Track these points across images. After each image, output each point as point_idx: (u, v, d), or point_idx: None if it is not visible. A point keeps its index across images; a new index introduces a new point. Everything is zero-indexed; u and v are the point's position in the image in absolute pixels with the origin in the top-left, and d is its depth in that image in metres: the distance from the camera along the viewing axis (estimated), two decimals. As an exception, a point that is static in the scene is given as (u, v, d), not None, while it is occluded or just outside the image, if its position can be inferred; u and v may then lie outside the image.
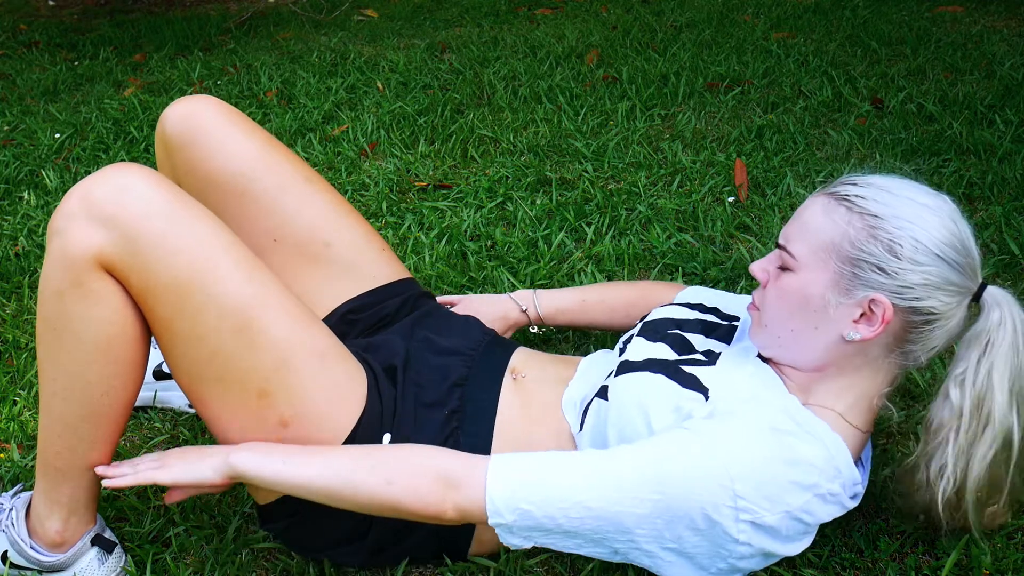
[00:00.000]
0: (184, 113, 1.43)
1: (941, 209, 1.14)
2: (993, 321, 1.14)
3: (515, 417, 1.32)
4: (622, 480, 1.11)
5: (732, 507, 1.11)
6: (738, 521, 1.12)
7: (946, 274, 1.13)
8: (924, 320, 1.14)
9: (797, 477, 1.12)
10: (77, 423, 1.21)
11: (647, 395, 1.22)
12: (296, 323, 1.20)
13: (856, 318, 1.15)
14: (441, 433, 1.28)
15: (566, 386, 1.36)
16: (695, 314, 1.39)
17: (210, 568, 1.34)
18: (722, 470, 1.10)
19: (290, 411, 1.20)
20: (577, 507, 1.11)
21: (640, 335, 1.35)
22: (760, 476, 1.11)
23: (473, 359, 1.38)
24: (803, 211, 1.19)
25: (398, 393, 1.30)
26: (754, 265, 1.24)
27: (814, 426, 1.17)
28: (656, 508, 1.11)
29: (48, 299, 1.16)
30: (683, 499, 1.11)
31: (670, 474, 1.11)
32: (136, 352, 1.20)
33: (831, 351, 1.19)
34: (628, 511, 1.11)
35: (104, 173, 1.15)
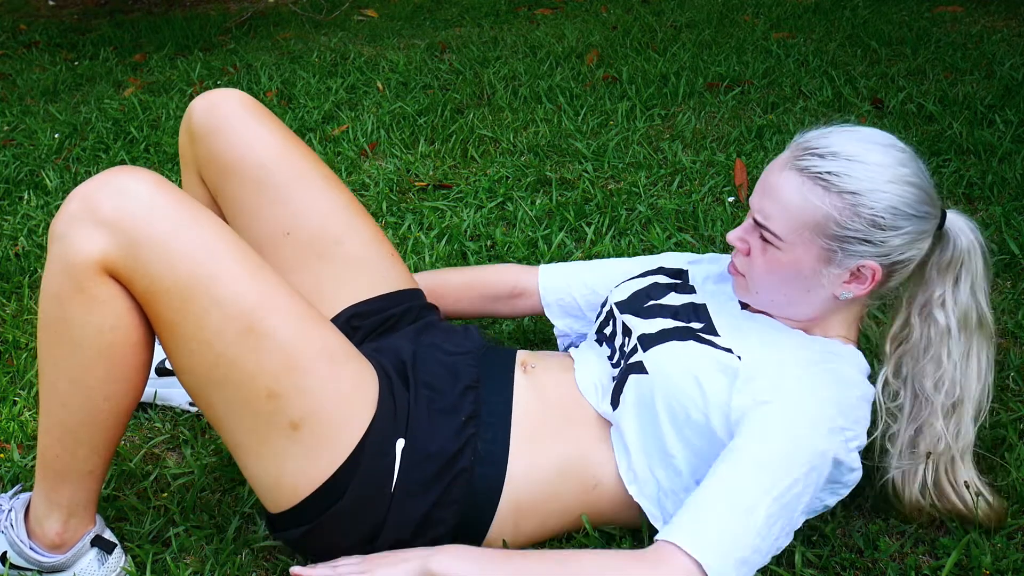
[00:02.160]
0: (210, 104, 1.47)
1: (906, 164, 1.23)
2: (962, 247, 1.28)
3: (533, 411, 1.32)
4: (773, 476, 1.15)
5: (843, 440, 1.21)
6: (849, 451, 1.22)
7: (920, 227, 1.24)
8: (903, 265, 1.27)
9: (856, 392, 1.25)
10: (77, 427, 1.21)
11: (691, 361, 1.25)
12: (303, 324, 1.20)
13: (846, 279, 1.26)
14: (457, 439, 1.27)
15: (573, 372, 1.38)
16: (651, 279, 1.46)
17: (210, 568, 1.34)
18: (824, 416, 1.19)
19: (300, 413, 1.19)
20: (764, 523, 1.14)
21: (625, 314, 1.38)
22: (843, 405, 1.22)
23: (479, 358, 1.38)
24: (776, 188, 1.25)
25: (411, 396, 1.30)
26: (731, 234, 1.31)
27: (832, 346, 1.29)
28: (807, 477, 1.17)
29: (49, 304, 1.15)
30: (817, 457, 1.18)
31: (796, 445, 1.17)
32: (138, 357, 1.19)
33: (824, 305, 1.30)
34: (793, 496, 1.16)
35: (106, 176, 1.14)
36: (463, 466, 1.25)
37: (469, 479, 1.25)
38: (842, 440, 1.20)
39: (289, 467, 1.21)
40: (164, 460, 1.58)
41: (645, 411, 1.27)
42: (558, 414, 1.33)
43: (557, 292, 1.61)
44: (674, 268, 1.50)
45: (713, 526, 1.13)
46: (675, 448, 1.25)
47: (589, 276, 1.61)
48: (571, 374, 1.38)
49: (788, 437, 1.17)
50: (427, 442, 1.26)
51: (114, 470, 1.54)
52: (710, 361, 1.24)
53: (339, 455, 1.21)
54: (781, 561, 1.28)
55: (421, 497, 1.24)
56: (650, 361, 1.27)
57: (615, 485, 1.29)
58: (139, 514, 1.46)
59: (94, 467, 1.25)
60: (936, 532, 1.35)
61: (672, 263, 1.53)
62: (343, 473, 1.21)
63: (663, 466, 1.27)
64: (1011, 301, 1.86)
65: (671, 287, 1.44)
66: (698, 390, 1.23)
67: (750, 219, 1.29)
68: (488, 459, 1.27)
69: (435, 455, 1.25)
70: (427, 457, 1.25)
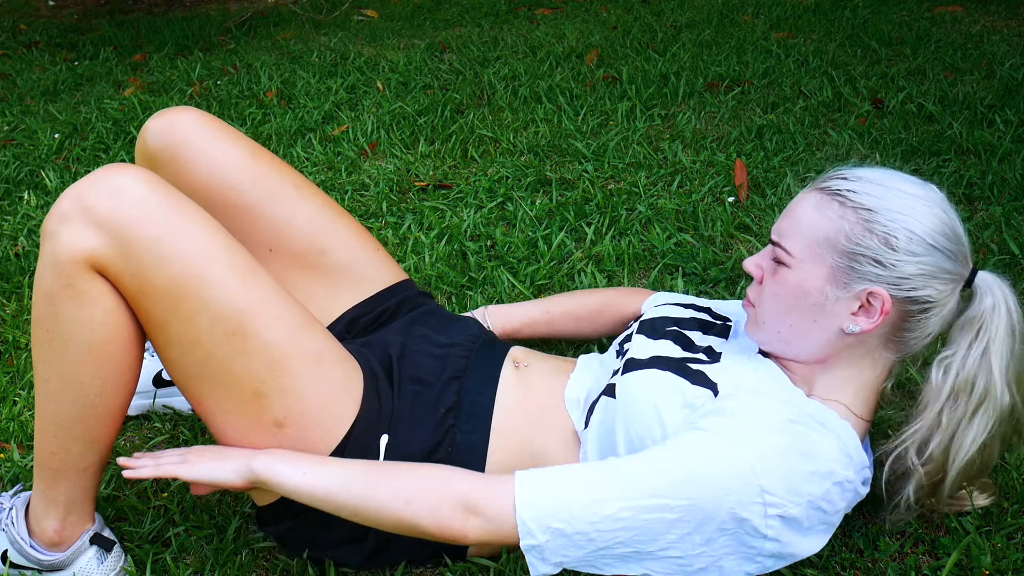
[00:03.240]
0: (165, 126, 1.41)
1: (931, 199, 1.16)
2: (987, 306, 1.17)
3: (515, 413, 1.32)
4: (650, 487, 1.11)
5: (760, 503, 1.11)
6: (766, 516, 1.12)
7: (940, 263, 1.15)
8: (921, 309, 1.16)
9: (816, 467, 1.14)
10: (71, 424, 1.21)
11: (657, 392, 1.22)
12: (292, 325, 1.20)
13: (855, 311, 1.17)
14: (437, 432, 1.28)
15: (567, 378, 1.37)
16: (691, 312, 1.39)
17: (210, 568, 1.34)
18: (747, 467, 1.11)
19: (285, 412, 1.20)
20: (608, 520, 1.10)
21: (640, 333, 1.35)
22: (783, 469, 1.12)
23: (471, 350, 1.38)
24: (795, 207, 1.20)
25: (395, 393, 1.30)
26: (748, 261, 1.25)
27: (823, 415, 1.18)
28: (686, 512, 1.11)
29: (40, 301, 1.16)
30: (712, 500, 1.11)
31: (697, 476, 1.11)
32: (129, 354, 1.20)
33: (831, 343, 1.20)
34: (658, 517, 1.11)
35: (98, 175, 1.14)
36: (440, 458, 1.27)
37: None
38: (758, 502, 1.11)
39: None
40: (164, 460, 1.58)
41: (606, 435, 1.26)
42: (536, 417, 1.32)
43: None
44: (721, 314, 1.41)
45: (558, 490, 1.12)
46: None
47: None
48: (563, 379, 1.37)
49: (693, 465, 1.11)
50: (410, 437, 1.27)
51: (114, 470, 1.54)
52: (677, 395, 1.20)
53: (322, 452, 1.23)
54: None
55: None
56: (620, 386, 1.25)
57: None
58: (139, 514, 1.46)
59: (89, 464, 1.25)
60: (936, 532, 1.35)
61: (723, 310, 1.44)
62: None
63: None
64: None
65: (705, 326, 1.36)
66: (657, 421, 1.20)
67: (769, 245, 1.24)
68: (466, 451, 1.28)
69: (417, 449, 1.26)
70: (409, 452, 1.26)
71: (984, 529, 1.33)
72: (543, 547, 1.11)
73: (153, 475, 1.21)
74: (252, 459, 1.19)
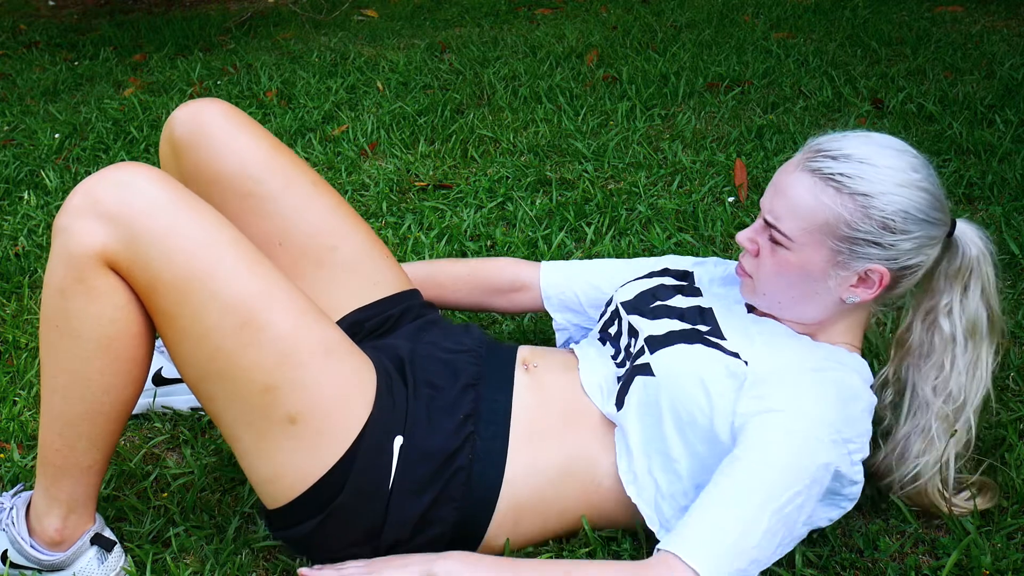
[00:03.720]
0: (191, 115, 1.44)
1: (916, 169, 1.23)
2: (972, 255, 1.28)
3: (534, 410, 1.32)
4: (775, 489, 1.15)
5: (846, 452, 1.20)
6: (852, 464, 1.22)
7: (930, 232, 1.24)
8: (912, 271, 1.26)
9: (861, 404, 1.24)
10: (77, 421, 1.21)
11: (698, 365, 1.25)
12: (301, 318, 1.20)
13: (853, 283, 1.26)
14: (456, 437, 1.27)
15: (576, 372, 1.38)
16: (657, 280, 1.45)
17: (210, 568, 1.34)
18: (827, 428, 1.18)
19: (297, 406, 1.19)
20: (764, 536, 1.14)
21: (632, 315, 1.38)
22: (846, 415, 1.21)
23: (480, 356, 1.38)
24: (787, 188, 1.25)
25: (409, 393, 1.30)
26: (741, 235, 1.31)
27: (837, 354, 1.28)
28: (808, 490, 1.17)
29: (51, 296, 1.16)
30: (819, 469, 1.17)
31: (799, 457, 1.16)
32: (138, 350, 1.20)
33: (830, 309, 1.29)
34: (794, 508, 1.16)
35: (108, 171, 1.15)
36: (460, 464, 1.26)
37: (467, 477, 1.25)
38: (845, 452, 1.20)
39: (286, 461, 1.21)
40: (164, 460, 1.58)
41: (650, 413, 1.27)
42: (559, 414, 1.32)
43: (558, 287, 1.61)
44: (679, 270, 1.49)
45: (713, 536, 1.13)
46: (678, 452, 1.25)
47: (592, 274, 1.60)
48: (574, 373, 1.37)
49: (791, 448, 1.17)
50: (425, 440, 1.26)
51: (114, 470, 1.54)
52: (718, 365, 1.24)
53: (336, 450, 1.21)
54: (781, 561, 1.28)
55: (419, 495, 1.24)
56: (657, 363, 1.27)
57: (616, 486, 1.29)
58: (139, 514, 1.46)
59: (93, 462, 1.25)
60: (936, 532, 1.35)
61: (677, 265, 1.53)
62: (340, 469, 1.21)
63: (663, 469, 1.26)
64: (1011, 301, 1.86)
65: (677, 289, 1.43)
66: (704, 395, 1.22)
67: (760, 220, 1.29)
68: (486, 458, 1.27)
69: (433, 453, 1.25)
70: (425, 455, 1.25)
71: (984, 529, 1.33)
72: None
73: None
74: (434, 564, 1.18)
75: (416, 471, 1.24)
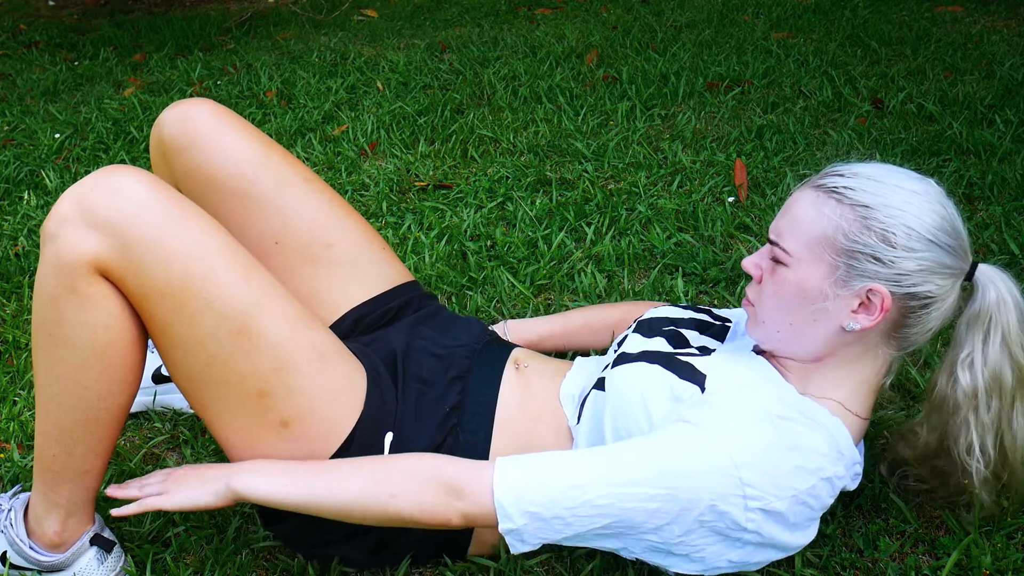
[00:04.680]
0: (180, 116, 1.42)
1: (929, 193, 1.16)
2: (991, 300, 1.17)
3: (515, 412, 1.32)
4: (630, 476, 1.11)
5: (740, 495, 1.11)
6: (747, 510, 1.12)
7: (940, 258, 1.14)
8: (921, 304, 1.16)
9: (801, 462, 1.13)
10: (73, 427, 1.21)
11: (644, 384, 1.22)
12: (295, 324, 1.20)
13: (855, 308, 1.16)
14: (440, 430, 1.28)
15: (564, 378, 1.37)
16: (689, 313, 1.40)
17: (210, 568, 1.34)
18: (727, 460, 1.10)
19: (290, 411, 1.20)
20: (586, 506, 1.11)
21: (636, 332, 1.36)
22: (765, 463, 1.12)
23: (475, 351, 1.38)
24: (792, 205, 1.20)
25: (399, 391, 1.31)
26: (746, 260, 1.25)
27: (813, 411, 1.18)
28: (665, 503, 1.11)
29: (43, 304, 1.15)
30: (691, 491, 1.11)
31: (677, 467, 1.11)
32: (132, 357, 1.19)
33: (831, 341, 1.19)
34: (637, 507, 1.11)
35: (98, 176, 1.14)
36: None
37: None
38: (738, 495, 1.11)
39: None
40: (164, 460, 1.58)
41: (596, 427, 1.26)
42: (533, 416, 1.33)
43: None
44: (723, 316, 1.41)
45: (536, 475, 1.12)
46: None
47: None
48: (560, 379, 1.37)
49: (671, 457, 1.11)
50: (414, 435, 1.27)
51: (114, 470, 1.54)
52: (664, 386, 1.21)
53: (327, 450, 1.23)
54: (781, 561, 1.28)
55: None
56: (610, 379, 1.26)
57: None
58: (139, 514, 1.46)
59: (91, 466, 1.25)
60: (936, 532, 1.35)
61: (726, 313, 1.44)
62: None
63: None
64: (1011, 301, 1.85)
65: (702, 326, 1.37)
66: (644, 412, 1.20)
67: (767, 244, 1.24)
68: (469, 450, 1.28)
69: (421, 447, 1.27)
70: (414, 449, 1.26)
71: (984, 529, 1.33)
72: (521, 530, 1.12)
73: (138, 511, 1.20)
74: (231, 478, 1.18)
75: None
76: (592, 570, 1.31)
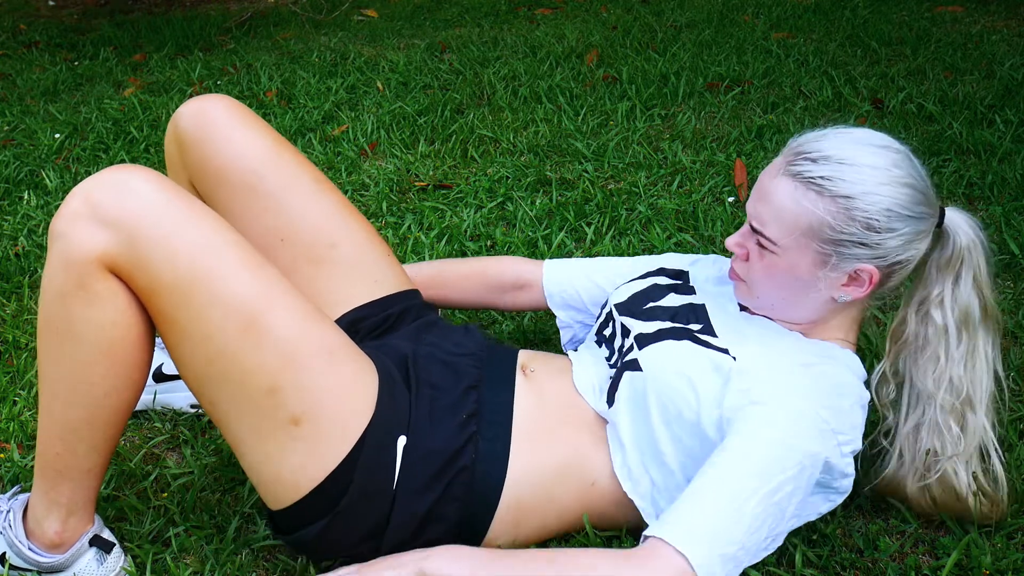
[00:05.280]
0: (197, 110, 1.45)
1: (899, 165, 1.22)
2: (962, 244, 1.26)
3: (534, 414, 1.32)
4: (762, 475, 1.15)
5: (836, 443, 1.20)
6: (843, 456, 1.22)
7: (917, 227, 1.23)
8: (902, 267, 1.26)
9: (852, 399, 1.24)
10: (78, 425, 1.21)
11: (684, 360, 1.26)
12: (303, 320, 1.20)
13: (844, 282, 1.26)
14: (459, 437, 1.27)
15: (571, 373, 1.38)
16: (651, 280, 1.46)
17: (210, 568, 1.34)
18: (817, 418, 1.19)
19: (301, 408, 1.19)
20: (752, 520, 1.13)
21: (624, 316, 1.39)
22: (837, 408, 1.21)
23: (481, 359, 1.38)
24: (770, 193, 1.25)
25: (412, 394, 1.30)
26: (730, 240, 1.31)
27: (829, 350, 1.29)
28: (796, 480, 1.16)
29: (51, 302, 1.16)
30: (808, 458, 1.17)
31: (789, 446, 1.16)
32: (140, 354, 1.20)
33: (823, 308, 1.30)
34: (784, 495, 1.16)
35: (105, 174, 1.14)
36: (464, 463, 1.26)
37: (470, 477, 1.26)
38: (835, 444, 1.20)
39: (290, 463, 1.21)
40: (164, 460, 1.58)
41: (638, 407, 1.27)
42: (556, 415, 1.33)
43: (560, 284, 1.61)
44: (675, 269, 1.50)
45: (701, 521, 1.13)
46: (666, 446, 1.25)
47: (593, 271, 1.61)
48: (568, 375, 1.38)
49: (779, 437, 1.17)
50: (429, 439, 1.26)
51: (114, 470, 1.54)
52: (704, 361, 1.25)
53: (340, 451, 1.21)
54: (781, 561, 1.28)
55: (423, 494, 1.24)
56: (644, 358, 1.28)
57: (612, 483, 1.29)
58: (139, 514, 1.46)
59: (94, 465, 1.25)
60: (936, 532, 1.35)
61: (673, 264, 1.53)
62: (344, 469, 1.21)
63: (656, 463, 1.27)
64: (1011, 301, 1.86)
65: (671, 288, 1.43)
66: (691, 390, 1.23)
67: (747, 224, 1.29)
68: (489, 457, 1.27)
69: (437, 452, 1.25)
70: (429, 454, 1.25)
71: (984, 529, 1.33)
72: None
73: None
74: (424, 561, 1.17)
75: (420, 470, 1.24)
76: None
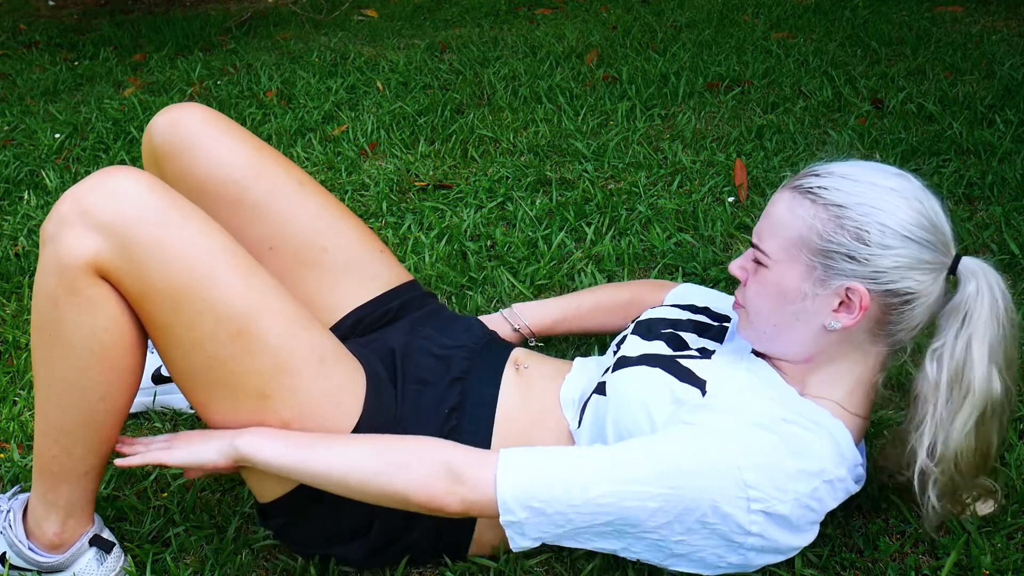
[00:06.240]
0: (171, 122, 1.41)
1: (905, 189, 1.15)
2: (970, 293, 1.15)
3: (515, 414, 1.32)
4: (632, 474, 1.11)
5: (743, 497, 1.11)
6: (750, 512, 1.12)
7: (917, 254, 1.13)
8: (902, 301, 1.15)
9: (805, 465, 1.13)
10: (73, 428, 1.21)
11: (646, 388, 1.22)
12: (294, 326, 1.20)
13: (835, 307, 1.16)
14: (440, 431, 1.28)
15: (563, 380, 1.37)
16: (687, 314, 1.40)
17: (210, 568, 1.34)
18: (731, 462, 1.11)
19: (290, 413, 1.20)
20: (588, 503, 1.11)
21: (634, 334, 1.36)
22: (768, 465, 1.12)
23: (474, 352, 1.38)
24: (771, 207, 1.21)
25: (398, 393, 1.30)
26: (732, 264, 1.26)
27: (815, 414, 1.18)
28: (667, 502, 1.11)
29: (42, 306, 1.15)
30: (694, 492, 1.11)
31: (680, 468, 1.11)
32: (132, 358, 1.19)
33: (816, 341, 1.20)
34: (639, 505, 1.11)
35: (97, 177, 1.13)
36: None
37: None
38: (741, 497, 1.11)
39: None
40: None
41: (597, 432, 1.26)
42: (533, 418, 1.33)
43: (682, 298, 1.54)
44: (720, 313, 1.42)
45: (541, 470, 1.12)
46: None
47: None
48: (560, 381, 1.37)
49: (674, 456, 1.11)
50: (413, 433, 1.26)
51: (114, 470, 1.54)
52: (665, 390, 1.21)
53: None
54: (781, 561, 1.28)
55: None
56: (611, 383, 1.26)
57: None
58: (139, 514, 1.46)
59: (91, 467, 1.25)
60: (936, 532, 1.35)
61: (725, 308, 1.44)
62: None
63: None
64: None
65: (701, 327, 1.37)
66: (645, 416, 1.20)
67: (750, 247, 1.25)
68: None
69: None
70: None
71: (984, 529, 1.33)
72: (522, 523, 1.12)
73: (142, 463, 1.22)
74: (236, 437, 1.19)
75: None
76: (592, 570, 1.31)
